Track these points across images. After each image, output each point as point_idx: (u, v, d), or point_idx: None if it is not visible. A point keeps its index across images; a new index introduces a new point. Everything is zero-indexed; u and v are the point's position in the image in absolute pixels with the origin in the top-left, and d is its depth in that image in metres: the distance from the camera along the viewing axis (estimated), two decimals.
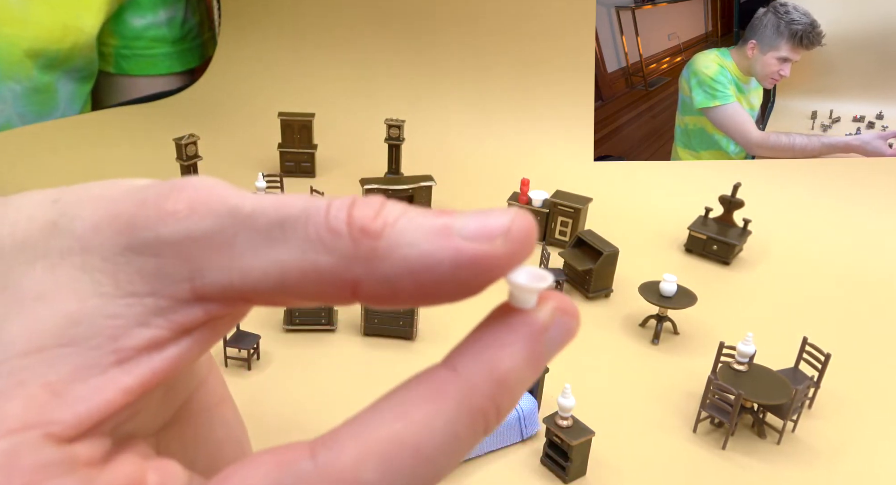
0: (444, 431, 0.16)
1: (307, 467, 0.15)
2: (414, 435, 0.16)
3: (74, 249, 0.17)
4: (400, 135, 1.06)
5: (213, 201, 0.17)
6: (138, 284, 0.17)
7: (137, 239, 0.17)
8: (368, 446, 0.15)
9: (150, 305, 0.17)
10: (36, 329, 0.16)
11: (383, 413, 0.16)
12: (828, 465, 0.61)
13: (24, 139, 1.17)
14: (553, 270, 0.83)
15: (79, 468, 0.16)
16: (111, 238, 0.17)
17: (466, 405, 0.16)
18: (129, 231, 0.17)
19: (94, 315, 0.16)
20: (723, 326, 0.78)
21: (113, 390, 0.16)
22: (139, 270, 0.17)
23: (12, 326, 0.16)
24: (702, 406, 0.62)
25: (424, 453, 0.16)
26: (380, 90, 1.31)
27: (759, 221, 0.94)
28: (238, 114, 1.32)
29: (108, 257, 0.17)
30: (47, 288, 0.17)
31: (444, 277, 0.16)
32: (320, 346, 0.72)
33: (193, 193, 0.17)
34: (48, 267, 0.17)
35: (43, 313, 0.16)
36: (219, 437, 0.22)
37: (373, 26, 1.33)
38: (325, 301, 0.17)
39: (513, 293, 0.17)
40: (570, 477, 0.57)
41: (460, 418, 0.16)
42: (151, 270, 0.17)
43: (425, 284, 0.16)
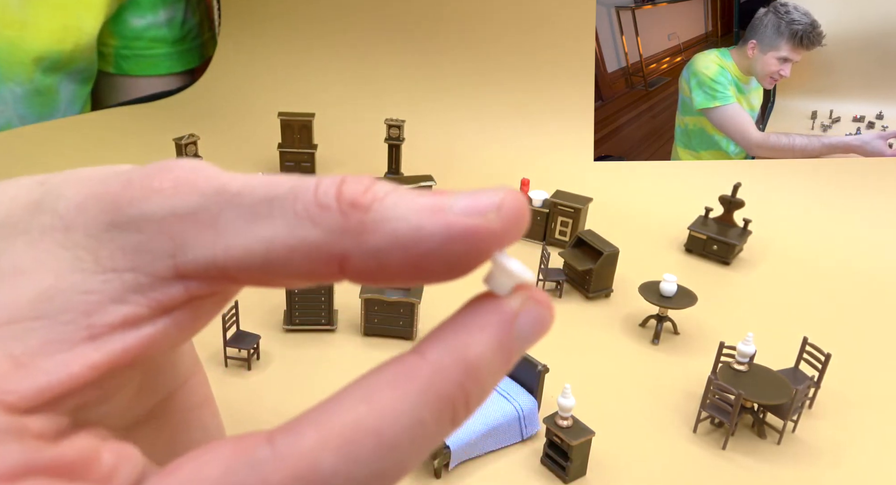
0: (410, 416, 0.15)
1: (264, 453, 0.15)
2: (376, 420, 0.15)
3: (57, 226, 0.17)
4: (400, 135, 1.06)
5: (200, 180, 0.17)
6: (119, 260, 0.17)
7: (121, 216, 0.17)
8: (328, 431, 0.15)
9: (129, 281, 0.16)
10: (9, 302, 0.16)
11: (346, 399, 0.16)
12: (828, 465, 0.61)
13: (24, 139, 1.17)
14: (553, 270, 0.83)
15: (26, 438, 0.15)
16: (95, 216, 0.17)
17: (433, 391, 0.16)
18: (114, 209, 0.17)
19: (70, 290, 0.16)
20: (723, 326, 0.78)
21: (78, 365, 0.16)
22: (121, 247, 0.17)
23: None
24: (702, 406, 0.62)
25: (387, 439, 0.15)
26: (380, 90, 1.31)
27: (759, 221, 0.94)
28: (238, 114, 1.32)
29: (91, 234, 0.17)
30: (26, 263, 0.17)
31: (434, 252, 0.16)
32: (320, 346, 0.72)
33: (180, 172, 0.17)
34: (29, 242, 0.17)
35: (18, 287, 0.16)
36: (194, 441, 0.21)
37: (373, 27, 1.33)
38: (312, 278, 0.17)
39: (493, 274, 0.17)
40: (570, 477, 0.57)
41: (427, 403, 0.15)
42: (133, 246, 0.17)
43: (414, 258, 0.16)
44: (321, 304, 0.73)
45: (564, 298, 0.83)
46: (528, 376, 0.62)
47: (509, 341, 0.17)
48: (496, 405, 0.59)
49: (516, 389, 0.62)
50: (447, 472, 0.57)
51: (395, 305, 0.72)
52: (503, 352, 0.16)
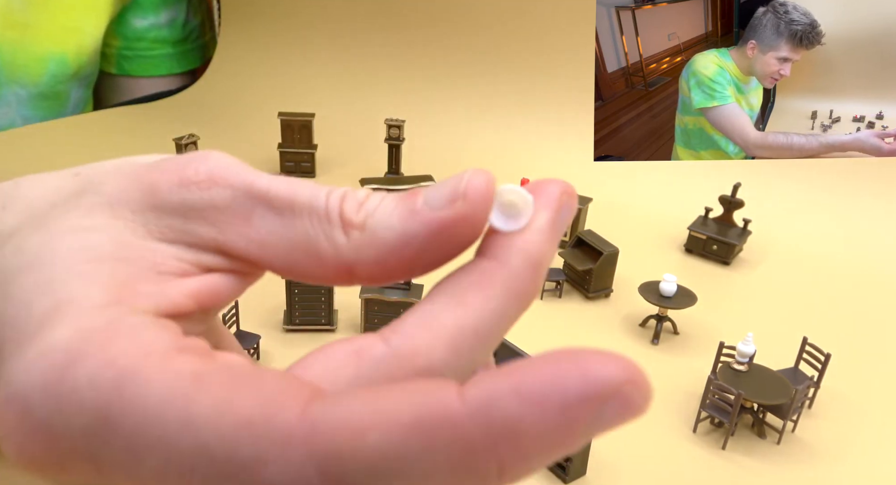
0: (496, 312, 0.18)
1: (383, 350, 0.17)
2: (473, 319, 0.17)
3: (104, 202, 0.19)
4: (400, 135, 1.06)
5: (231, 175, 0.19)
6: (168, 234, 0.19)
7: (163, 201, 0.19)
8: (435, 331, 0.17)
9: (181, 249, 0.19)
10: (91, 247, 0.18)
11: (442, 302, 0.18)
12: (828, 465, 0.61)
13: (24, 139, 1.17)
14: (553, 271, 0.83)
15: (169, 328, 0.17)
16: (139, 197, 0.19)
17: (512, 289, 0.18)
18: (155, 193, 0.19)
19: (136, 246, 0.19)
20: (723, 326, 0.78)
21: (171, 295, 0.18)
22: (168, 225, 0.19)
23: (66, 246, 0.18)
24: (702, 406, 0.62)
25: (482, 333, 0.17)
26: (380, 90, 1.31)
27: (759, 221, 0.94)
28: (238, 114, 1.32)
29: (136, 211, 0.19)
30: (90, 224, 0.19)
31: (423, 247, 0.18)
32: (320, 346, 0.72)
33: (213, 164, 0.20)
34: (85, 214, 0.19)
35: (93, 237, 0.18)
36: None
37: (373, 26, 1.33)
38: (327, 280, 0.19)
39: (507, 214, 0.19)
40: (570, 477, 0.57)
41: (508, 300, 0.18)
42: (179, 227, 0.19)
43: (409, 257, 0.18)
44: (321, 304, 0.73)
45: (564, 298, 0.83)
46: None
47: (555, 234, 0.19)
48: None
49: None
50: None
51: (395, 306, 0.72)
52: (552, 243, 0.19)
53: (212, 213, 0.19)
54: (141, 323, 0.17)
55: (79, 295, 0.17)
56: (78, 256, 0.18)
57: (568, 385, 0.14)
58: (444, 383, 0.15)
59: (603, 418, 0.14)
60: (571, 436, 0.14)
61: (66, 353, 0.16)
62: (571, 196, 0.20)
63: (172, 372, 0.15)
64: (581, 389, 0.14)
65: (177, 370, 0.16)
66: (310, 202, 0.19)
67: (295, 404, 0.15)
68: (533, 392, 0.14)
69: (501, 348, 0.64)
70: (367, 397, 0.15)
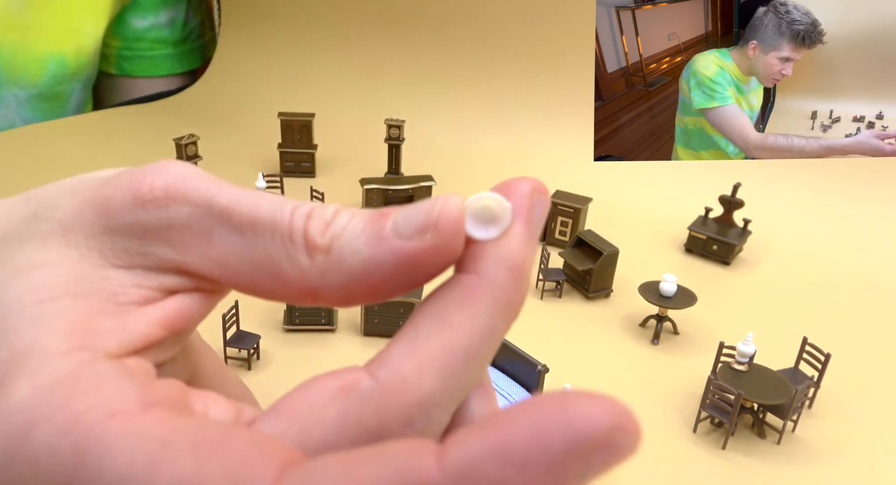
0: (484, 329, 0.17)
1: (370, 385, 0.16)
2: (461, 341, 0.17)
3: (57, 230, 0.18)
4: (400, 135, 1.06)
5: (190, 191, 0.18)
6: (124, 259, 0.18)
7: (118, 222, 0.18)
8: (423, 359, 0.16)
9: (139, 273, 0.18)
10: (43, 285, 0.17)
11: (426, 326, 0.17)
12: (828, 465, 0.61)
13: (24, 139, 1.17)
14: (553, 271, 0.83)
15: (135, 376, 0.16)
16: (92, 219, 0.18)
17: (498, 302, 0.17)
18: (109, 213, 0.18)
19: (92, 277, 0.18)
20: (723, 326, 0.78)
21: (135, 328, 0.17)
22: (124, 249, 0.18)
23: (15, 288, 0.17)
24: (702, 406, 0.62)
25: (472, 354, 0.17)
26: (380, 90, 1.31)
27: (759, 221, 0.94)
28: (238, 114, 1.32)
29: (91, 235, 0.18)
30: (41, 259, 0.18)
31: (388, 277, 0.17)
32: (320, 346, 0.72)
33: (170, 179, 0.18)
34: (37, 246, 0.18)
35: (45, 274, 0.17)
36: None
37: (373, 27, 1.33)
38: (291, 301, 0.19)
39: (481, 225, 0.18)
40: None
41: (495, 314, 0.17)
42: (136, 250, 0.18)
43: (373, 285, 0.18)
44: None
45: (564, 298, 0.83)
46: (528, 376, 0.62)
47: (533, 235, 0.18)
48: None
49: (516, 389, 0.62)
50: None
51: (395, 305, 0.72)
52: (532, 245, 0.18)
53: (169, 233, 0.18)
54: (105, 373, 0.16)
55: (36, 345, 0.16)
56: (31, 298, 0.17)
57: (552, 439, 0.13)
58: (422, 447, 0.14)
59: (592, 467, 0.13)
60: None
61: (24, 415, 0.15)
62: (543, 192, 0.19)
63: (137, 436, 0.15)
64: (566, 442, 0.13)
65: (142, 434, 0.15)
66: (272, 220, 0.18)
67: (265, 476, 0.14)
68: (516, 453, 0.13)
69: (502, 349, 0.64)
70: (340, 469, 0.14)
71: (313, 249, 0.18)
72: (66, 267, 0.18)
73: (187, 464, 0.14)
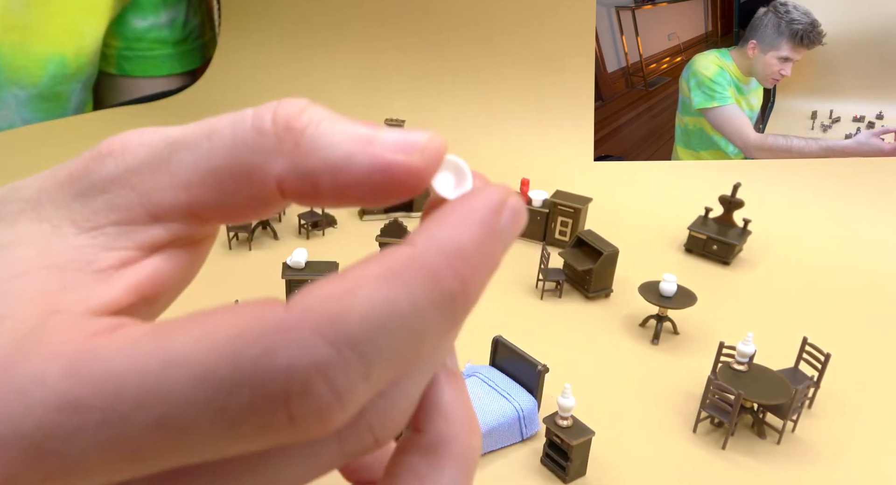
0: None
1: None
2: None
3: (26, 208, 0.18)
4: None
5: (145, 135, 0.18)
6: (94, 220, 0.18)
7: (82, 185, 0.18)
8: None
9: (111, 233, 0.18)
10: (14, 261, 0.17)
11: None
12: (828, 465, 0.61)
13: (25, 139, 1.17)
14: (553, 271, 0.84)
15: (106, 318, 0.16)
16: (58, 192, 0.18)
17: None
18: (73, 180, 0.18)
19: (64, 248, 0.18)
20: (723, 326, 0.78)
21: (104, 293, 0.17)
22: (93, 209, 0.18)
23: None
24: (702, 406, 0.62)
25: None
26: (380, 90, 1.31)
27: (759, 221, 0.94)
28: None
29: (60, 206, 0.18)
30: (11, 238, 0.18)
31: (361, 179, 0.17)
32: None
33: (127, 135, 0.19)
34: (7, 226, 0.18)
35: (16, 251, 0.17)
36: None
37: (373, 27, 1.33)
38: (259, 204, 0.18)
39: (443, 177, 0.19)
40: (570, 477, 0.57)
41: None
42: (103, 206, 0.18)
43: (343, 182, 0.17)
44: None
45: (564, 298, 0.83)
46: (528, 376, 0.62)
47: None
48: (496, 405, 0.59)
49: (516, 389, 0.62)
50: None
51: None
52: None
53: (130, 176, 0.18)
54: (75, 316, 0.16)
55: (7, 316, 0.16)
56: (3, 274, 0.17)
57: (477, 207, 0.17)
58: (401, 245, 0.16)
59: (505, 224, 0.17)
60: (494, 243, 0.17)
61: (4, 360, 0.15)
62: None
63: (127, 337, 0.15)
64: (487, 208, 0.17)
65: (131, 334, 0.15)
66: (231, 120, 0.18)
67: (274, 308, 0.15)
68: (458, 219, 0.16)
69: (502, 349, 0.64)
70: (334, 277, 0.15)
71: (285, 130, 0.17)
72: (36, 241, 0.18)
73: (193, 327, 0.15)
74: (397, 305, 0.15)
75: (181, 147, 0.18)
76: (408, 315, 0.15)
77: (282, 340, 0.14)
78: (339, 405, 0.14)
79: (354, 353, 0.14)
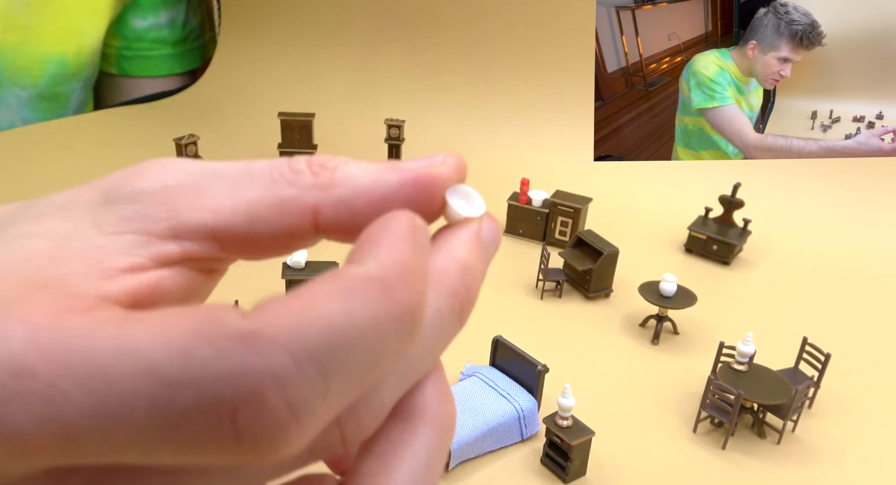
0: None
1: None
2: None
3: (54, 209, 0.19)
4: (400, 135, 1.06)
5: (186, 163, 0.19)
6: (118, 225, 0.18)
7: (115, 194, 0.19)
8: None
9: (130, 240, 0.18)
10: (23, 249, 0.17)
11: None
12: (828, 465, 0.61)
13: (25, 139, 1.17)
14: (553, 271, 0.84)
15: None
16: (91, 198, 0.19)
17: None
18: (107, 190, 0.19)
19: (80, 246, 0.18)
20: (723, 326, 0.78)
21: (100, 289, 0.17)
22: (119, 216, 0.18)
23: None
24: (702, 406, 0.62)
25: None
26: (380, 90, 1.31)
27: (759, 221, 0.94)
28: (238, 114, 1.32)
29: (88, 209, 0.19)
30: (31, 231, 0.18)
31: (393, 192, 0.19)
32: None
33: (167, 159, 0.20)
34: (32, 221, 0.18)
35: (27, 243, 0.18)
36: None
37: (373, 27, 1.33)
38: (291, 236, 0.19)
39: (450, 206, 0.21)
40: (570, 477, 0.57)
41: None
42: (130, 215, 0.18)
43: (377, 200, 0.19)
44: None
45: (564, 298, 0.83)
46: (528, 376, 0.62)
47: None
48: (496, 405, 0.59)
49: (516, 389, 0.62)
50: (447, 472, 0.58)
51: None
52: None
53: (163, 194, 0.19)
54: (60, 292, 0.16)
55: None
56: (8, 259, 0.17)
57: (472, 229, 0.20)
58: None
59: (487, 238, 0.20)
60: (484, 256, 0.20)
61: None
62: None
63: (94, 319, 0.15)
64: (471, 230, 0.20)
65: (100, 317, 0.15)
66: (269, 164, 0.19)
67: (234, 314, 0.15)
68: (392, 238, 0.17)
69: (502, 349, 0.64)
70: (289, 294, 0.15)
71: (320, 168, 0.19)
72: (53, 237, 0.18)
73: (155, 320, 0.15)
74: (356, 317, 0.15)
75: (219, 176, 0.19)
76: (367, 328, 0.15)
77: (237, 344, 0.14)
78: (294, 424, 0.14)
79: (314, 367, 0.14)
